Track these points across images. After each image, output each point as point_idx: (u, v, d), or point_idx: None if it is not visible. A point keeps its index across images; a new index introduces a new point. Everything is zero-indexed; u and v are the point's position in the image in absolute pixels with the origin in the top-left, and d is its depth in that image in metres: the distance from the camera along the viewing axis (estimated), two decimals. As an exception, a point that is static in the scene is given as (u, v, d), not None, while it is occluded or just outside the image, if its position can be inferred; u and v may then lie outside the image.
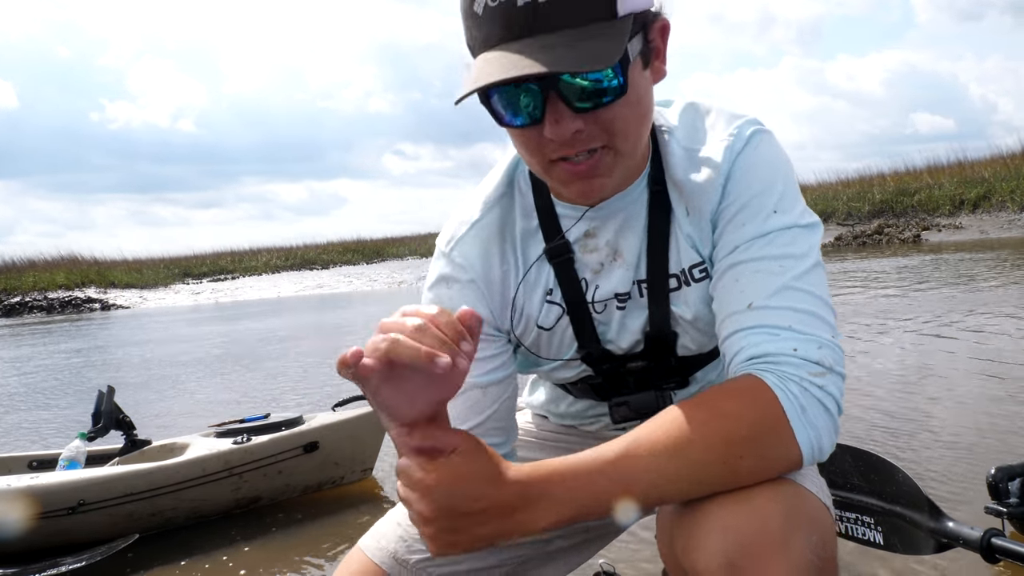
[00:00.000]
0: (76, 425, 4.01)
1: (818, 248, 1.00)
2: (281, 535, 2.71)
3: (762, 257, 0.97)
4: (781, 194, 1.02)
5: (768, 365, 0.89)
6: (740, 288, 0.96)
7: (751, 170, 1.03)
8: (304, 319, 12.05)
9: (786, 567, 0.78)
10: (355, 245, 27.70)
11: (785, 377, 0.87)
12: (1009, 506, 1.75)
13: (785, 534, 0.80)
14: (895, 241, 14.59)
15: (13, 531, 2.50)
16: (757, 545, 0.79)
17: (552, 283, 1.12)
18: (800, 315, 0.92)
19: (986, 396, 3.45)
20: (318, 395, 5.07)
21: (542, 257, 1.11)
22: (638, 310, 1.10)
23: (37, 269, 24.23)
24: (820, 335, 0.91)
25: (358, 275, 21.86)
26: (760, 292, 0.94)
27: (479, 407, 1.10)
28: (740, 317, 0.94)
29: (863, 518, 1.73)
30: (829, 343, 0.91)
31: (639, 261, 1.09)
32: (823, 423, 0.87)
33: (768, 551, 0.79)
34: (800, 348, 0.89)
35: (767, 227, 0.99)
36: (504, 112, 0.94)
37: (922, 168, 20.20)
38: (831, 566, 0.84)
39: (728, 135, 1.05)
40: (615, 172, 0.99)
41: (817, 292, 0.95)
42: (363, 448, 3.12)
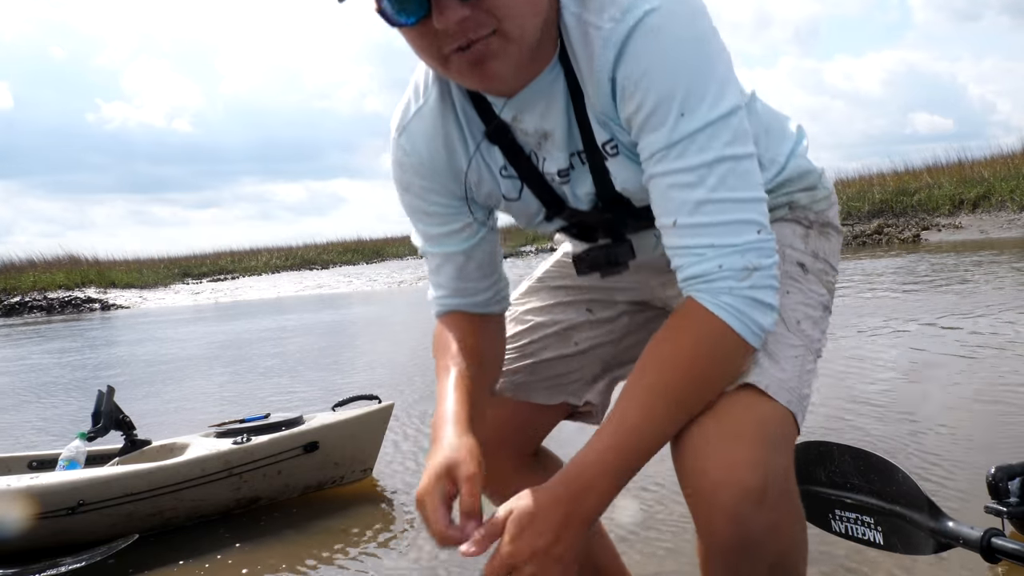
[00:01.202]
0: (76, 425, 4.01)
1: (738, 126, 1.00)
2: (281, 535, 2.71)
3: (676, 170, 1.00)
4: (686, 90, 0.98)
5: (701, 285, 1.00)
6: (663, 203, 1.02)
7: (646, 69, 0.99)
8: (304, 319, 12.05)
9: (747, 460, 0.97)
10: (355, 245, 27.66)
11: (717, 292, 0.99)
12: (1009, 506, 1.75)
13: (751, 447, 0.98)
14: (895, 241, 14.58)
15: (13, 531, 2.50)
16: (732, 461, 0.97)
17: (503, 160, 1.16)
18: (720, 228, 0.99)
19: (986, 396, 3.45)
20: (318, 395, 5.07)
21: (484, 139, 1.15)
22: (583, 178, 1.14)
23: (37, 269, 24.21)
24: (741, 241, 0.99)
25: (358, 275, 21.85)
26: (680, 209, 1.00)
27: (466, 270, 1.23)
28: (669, 234, 1.03)
29: (863, 518, 1.73)
30: (750, 245, 0.99)
31: (569, 137, 1.11)
32: (759, 313, 1.00)
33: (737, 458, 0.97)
34: (724, 263, 0.99)
35: (676, 135, 0.99)
36: (394, 13, 0.96)
37: (921, 168, 20.18)
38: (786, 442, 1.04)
39: (612, 18, 0.99)
40: (508, 57, 0.99)
41: (736, 194, 0.99)
42: (363, 448, 3.12)
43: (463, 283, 1.25)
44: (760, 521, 0.97)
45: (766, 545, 1.00)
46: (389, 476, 3.23)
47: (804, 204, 1.26)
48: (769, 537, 0.99)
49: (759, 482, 0.97)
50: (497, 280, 1.28)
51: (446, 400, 1.15)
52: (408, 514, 2.81)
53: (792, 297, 1.15)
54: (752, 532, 0.98)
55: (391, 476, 3.23)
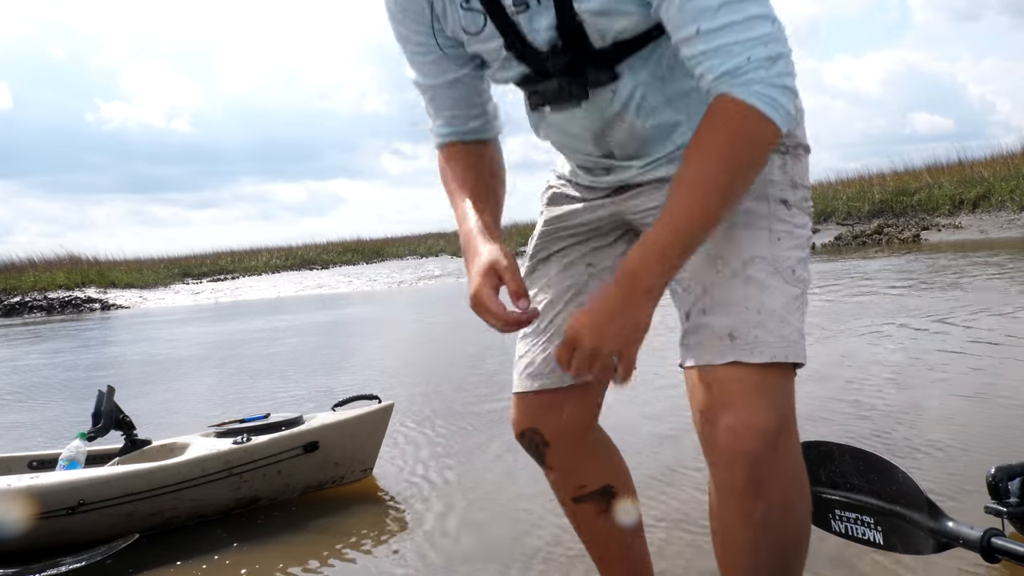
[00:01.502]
0: (76, 425, 4.01)
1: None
2: (281, 535, 2.71)
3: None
4: None
5: (734, 80, 1.05)
6: (681, 16, 1.06)
7: None
8: (303, 319, 12.05)
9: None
10: (355, 245, 27.64)
11: (749, 83, 1.05)
12: (1009, 506, 1.75)
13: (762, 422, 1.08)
14: (895, 241, 14.58)
15: (13, 531, 2.49)
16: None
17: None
18: (741, 25, 1.04)
19: (986, 395, 3.45)
20: (318, 395, 5.07)
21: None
22: (546, 9, 1.15)
23: (37, 269, 24.20)
24: (761, 33, 1.05)
25: (358, 275, 21.85)
26: (701, 15, 1.05)
27: (455, 100, 1.31)
28: (693, 43, 1.06)
29: (863, 518, 1.74)
30: (770, 36, 1.05)
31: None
32: (786, 98, 1.06)
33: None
34: (752, 55, 1.04)
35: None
36: None
37: (922, 168, 20.18)
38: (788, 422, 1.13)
39: None
40: None
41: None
42: (363, 448, 3.12)
43: (453, 111, 1.32)
44: (771, 459, 1.08)
45: (775, 486, 1.09)
46: (389, 476, 3.23)
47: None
48: (777, 475, 1.10)
49: (774, 425, 1.08)
50: (486, 111, 1.34)
51: (468, 219, 1.26)
52: (408, 514, 2.81)
53: (784, 243, 1.18)
54: (763, 470, 1.08)
55: (391, 476, 3.23)
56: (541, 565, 2.23)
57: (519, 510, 2.67)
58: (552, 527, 2.49)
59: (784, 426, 1.10)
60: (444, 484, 3.06)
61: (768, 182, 1.20)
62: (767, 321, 1.12)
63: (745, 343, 1.11)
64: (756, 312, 1.12)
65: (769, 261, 1.16)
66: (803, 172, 1.27)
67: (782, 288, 1.15)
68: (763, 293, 1.14)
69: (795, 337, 1.14)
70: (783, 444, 1.09)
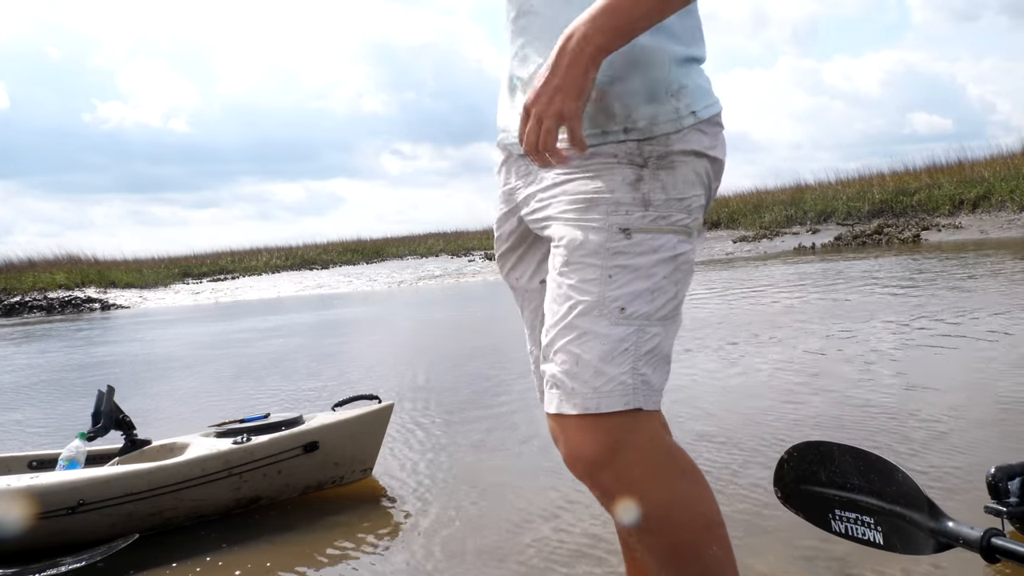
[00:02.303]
0: (75, 425, 4.01)
1: None
2: (281, 535, 2.71)
3: None
4: None
5: None
6: None
7: None
8: (303, 318, 12.05)
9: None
10: (355, 245, 27.66)
11: None
12: (1009, 506, 1.75)
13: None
14: (895, 241, 14.58)
15: (13, 531, 2.49)
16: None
17: None
18: None
19: (985, 395, 3.45)
20: (318, 395, 5.07)
21: None
22: None
23: (37, 269, 24.21)
24: None
25: (358, 275, 21.86)
26: None
27: None
28: None
29: (863, 518, 1.73)
30: None
31: None
32: None
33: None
34: None
35: None
36: None
37: (921, 168, 20.18)
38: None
39: None
40: None
41: None
42: (363, 448, 3.12)
43: None
44: (615, 481, 1.12)
45: (637, 500, 1.12)
46: (389, 476, 3.23)
47: (643, 127, 1.15)
48: (633, 493, 1.12)
49: (602, 453, 1.11)
50: None
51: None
52: (408, 514, 2.81)
53: (617, 279, 1.12)
54: (612, 491, 1.13)
55: (391, 476, 3.23)
56: (541, 565, 2.23)
57: (519, 510, 2.68)
58: (552, 527, 2.50)
59: (616, 451, 1.11)
60: (444, 484, 3.06)
61: (613, 206, 1.13)
62: (582, 372, 1.11)
63: (564, 393, 1.13)
64: (575, 363, 1.12)
65: (595, 304, 1.11)
66: (668, 184, 1.15)
67: (605, 333, 1.11)
68: (580, 342, 1.11)
69: (614, 384, 1.10)
70: (626, 466, 1.11)
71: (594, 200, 1.14)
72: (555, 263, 1.17)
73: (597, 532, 2.41)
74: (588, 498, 2.71)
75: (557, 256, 1.16)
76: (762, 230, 18.08)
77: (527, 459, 3.26)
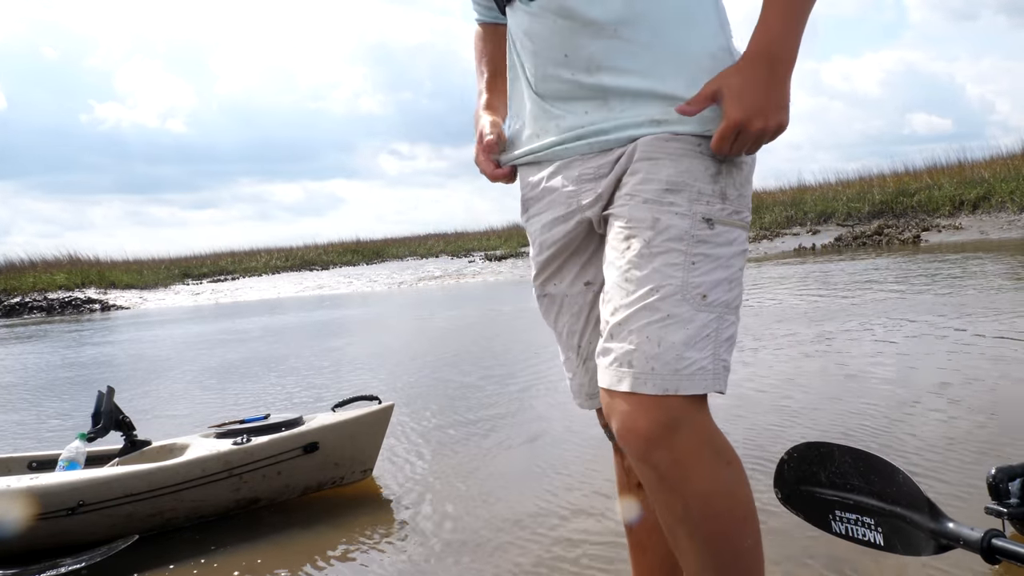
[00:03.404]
0: (75, 426, 4.01)
1: None
2: (280, 536, 2.70)
3: None
4: None
5: None
6: None
7: None
8: (303, 319, 12.05)
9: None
10: (355, 246, 27.66)
11: None
12: (1009, 507, 1.75)
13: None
14: (895, 242, 14.58)
15: (13, 531, 2.49)
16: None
17: None
18: None
19: (986, 396, 3.45)
20: (318, 396, 5.07)
21: None
22: None
23: (37, 270, 24.21)
24: None
25: (358, 276, 21.86)
26: None
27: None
28: None
29: (863, 519, 1.73)
30: None
31: None
32: None
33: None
34: None
35: None
36: None
37: (922, 169, 20.19)
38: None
39: None
40: None
41: None
42: (363, 449, 3.12)
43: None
44: (667, 459, 1.11)
45: (683, 481, 1.12)
46: (389, 477, 3.23)
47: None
48: (682, 473, 1.12)
49: (660, 430, 1.11)
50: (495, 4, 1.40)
51: (481, 96, 1.47)
52: (408, 515, 2.81)
53: (700, 267, 1.15)
54: (662, 469, 1.12)
55: (391, 477, 3.23)
56: (541, 565, 2.23)
57: (518, 511, 2.67)
58: (552, 528, 2.50)
59: (674, 429, 1.11)
60: (444, 485, 3.06)
61: (696, 194, 1.18)
62: (664, 354, 1.12)
63: (640, 373, 1.12)
64: (656, 344, 1.12)
65: (679, 288, 1.14)
66: (741, 182, 1.23)
67: (690, 317, 1.14)
68: (663, 325, 1.13)
69: (696, 368, 1.13)
70: (682, 444, 1.12)
71: (677, 185, 1.18)
72: (629, 244, 1.17)
73: (598, 532, 2.41)
74: (588, 500, 2.71)
75: (633, 238, 1.17)
76: (762, 231, 18.08)
77: (527, 461, 3.26)
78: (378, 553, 2.50)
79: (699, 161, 1.19)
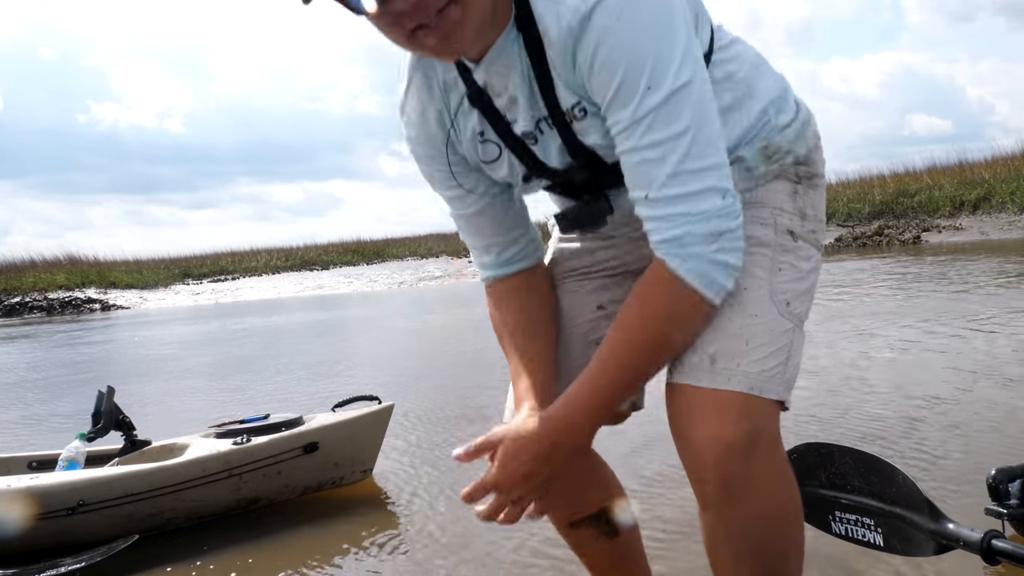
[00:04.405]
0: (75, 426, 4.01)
1: (702, 93, 1.04)
2: (280, 536, 2.70)
3: (644, 146, 1.04)
4: (654, 61, 1.02)
5: (673, 249, 1.06)
6: (634, 176, 1.07)
7: (611, 46, 1.02)
8: (303, 319, 12.05)
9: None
10: (355, 246, 27.64)
11: (687, 257, 1.06)
12: (1009, 507, 1.75)
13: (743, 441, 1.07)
14: (895, 242, 14.58)
15: (13, 531, 2.49)
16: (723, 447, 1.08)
17: (481, 125, 1.20)
18: (688, 198, 1.04)
19: (986, 397, 3.45)
20: (318, 396, 5.07)
21: (464, 102, 1.19)
22: (552, 140, 1.17)
23: (37, 269, 24.21)
24: (707, 207, 1.04)
25: (358, 276, 21.86)
26: (651, 184, 1.05)
27: (487, 226, 1.31)
28: (641, 205, 1.08)
29: (863, 519, 1.73)
30: (716, 211, 1.05)
31: (532, 102, 1.14)
32: (723, 275, 1.08)
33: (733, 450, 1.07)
34: (693, 229, 1.05)
35: (642, 109, 1.03)
36: (355, 1, 0.99)
37: (922, 169, 20.19)
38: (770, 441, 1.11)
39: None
40: (469, 23, 1.03)
41: (700, 163, 1.04)
42: (363, 449, 3.12)
43: (487, 239, 1.33)
44: (741, 473, 1.08)
45: (750, 500, 1.09)
46: (389, 477, 3.23)
47: (793, 151, 1.25)
48: (751, 490, 1.09)
49: (743, 440, 1.07)
50: (523, 233, 1.34)
51: (514, 387, 1.29)
52: (408, 515, 2.81)
53: (784, 274, 1.17)
54: (734, 483, 1.08)
55: (391, 477, 3.23)
56: (541, 566, 2.23)
57: (519, 511, 2.67)
58: (552, 528, 2.49)
59: (755, 441, 1.08)
60: (444, 485, 3.06)
61: (778, 210, 1.21)
62: (752, 352, 1.11)
63: (725, 369, 1.10)
64: (744, 342, 1.11)
65: (766, 290, 1.15)
66: (816, 203, 1.26)
67: (774, 320, 1.14)
68: (753, 323, 1.13)
69: (776, 371, 1.12)
70: (757, 460, 1.08)
71: (761, 201, 1.21)
72: None
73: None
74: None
75: None
76: (762, 231, 18.05)
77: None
78: (378, 553, 2.50)
79: (777, 183, 1.23)
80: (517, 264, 1.34)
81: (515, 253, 1.33)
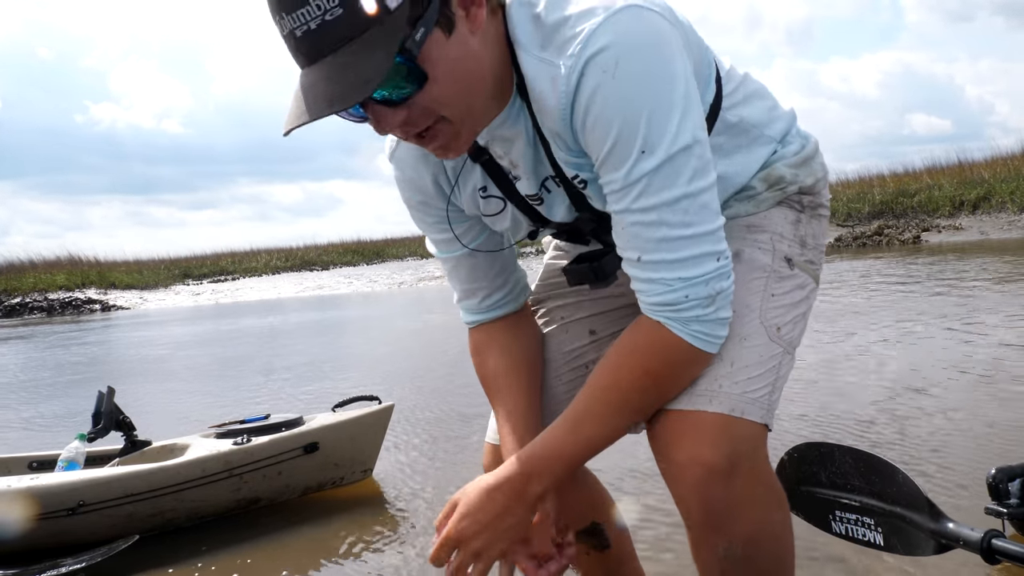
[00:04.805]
0: (75, 426, 4.01)
1: (700, 157, 1.01)
2: (281, 536, 2.71)
3: (638, 210, 1.01)
4: (646, 128, 0.97)
5: (670, 313, 1.05)
6: (626, 238, 1.05)
7: (603, 108, 0.98)
8: (303, 319, 12.05)
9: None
10: (355, 246, 27.65)
11: (686, 321, 1.05)
12: (1009, 507, 1.75)
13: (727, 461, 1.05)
14: (895, 242, 14.58)
15: (13, 532, 2.50)
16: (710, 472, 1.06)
17: (483, 181, 1.19)
18: (684, 263, 1.02)
19: (986, 397, 3.45)
20: (318, 396, 5.07)
21: (466, 161, 1.18)
22: (560, 198, 1.17)
23: (37, 270, 24.22)
24: (704, 272, 1.03)
25: (358, 276, 21.85)
26: (644, 246, 1.03)
27: (474, 270, 1.30)
28: (633, 267, 1.06)
29: (863, 519, 1.73)
30: (712, 274, 1.03)
31: (536, 167, 1.14)
32: (721, 329, 1.07)
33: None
34: (691, 293, 1.03)
35: (636, 173, 0.99)
36: (346, 115, 0.99)
37: (921, 169, 20.19)
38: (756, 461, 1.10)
39: (568, 57, 0.98)
40: (463, 134, 1.03)
41: (697, 229, 1.02)
42: (363, 449, 3.12)
43: (474, 283, 1.31)
44: (724, 497, 1.06)
45: (732, 522, 1.07)
46: (389, 477, 3.23)
47: (797, 181, 1.25)
48: (734, 514, 1.07)
49: (723, 463, 1.05)
50: (509, 277, 1.33)
51: (501, 438, 1.27)
52: (408, 515, 2.81)
53: (777, 300, 1.17)
54: (717, 507, 1.06)
55: (391, 477, 3.23)
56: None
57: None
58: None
59: (735, 464, 1.06)
60: (444, 485, 3.06)
61: (778, 236, 1.21)
62: (736, 373, 1.10)
63: (707, 391, 1.09)
64: (729, 363, 1.10)
65: (756, 314, 1.15)
66: (817, 232, 1.26)
67: (764, 344, 1.14)
68: (740, 345, 1.12)
69: (761, 394, 1.11)
70: (739, 483, 1.06)
71: (761, 226, 1.21)
72: None
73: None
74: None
75: None
76: (762, 231, 18.06)
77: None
78: (378, 553, 2.50)
79: (780, 209, 1.24)
80: (501, 309, 1.33)
81: (500, 298, 1.32)
